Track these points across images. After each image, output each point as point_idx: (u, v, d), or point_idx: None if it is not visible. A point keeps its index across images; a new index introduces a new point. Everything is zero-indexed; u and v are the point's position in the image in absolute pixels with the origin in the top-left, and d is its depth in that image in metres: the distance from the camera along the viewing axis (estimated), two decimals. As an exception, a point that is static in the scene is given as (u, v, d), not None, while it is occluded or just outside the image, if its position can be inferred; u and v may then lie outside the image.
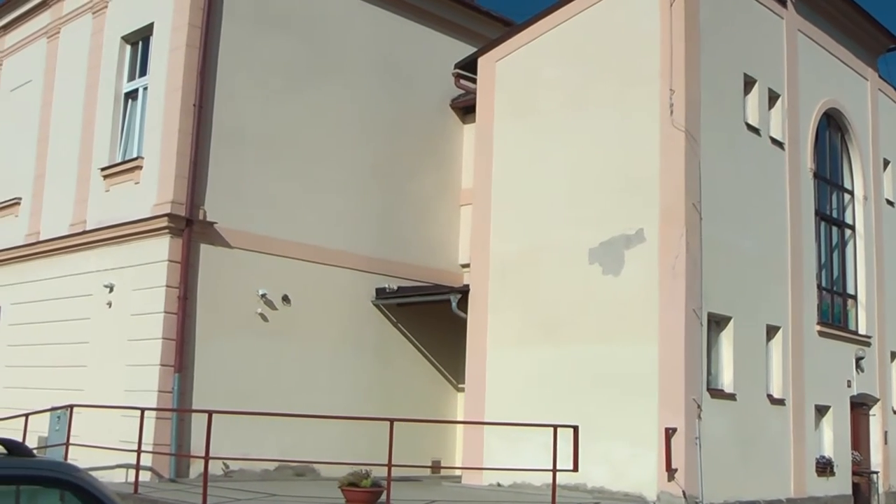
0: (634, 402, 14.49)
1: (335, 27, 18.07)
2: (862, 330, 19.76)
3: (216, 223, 15.86)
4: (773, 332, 16.70)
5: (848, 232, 20.16)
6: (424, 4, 19.76)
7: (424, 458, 16.62)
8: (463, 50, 19.57)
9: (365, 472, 12.27)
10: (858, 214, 20.30)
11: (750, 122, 16.66)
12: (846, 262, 20.01)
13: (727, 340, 15.56)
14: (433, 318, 18.33)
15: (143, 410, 13.60)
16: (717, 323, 15.43)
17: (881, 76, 21.72)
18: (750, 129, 16.65)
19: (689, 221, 14.63)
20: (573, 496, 14.03)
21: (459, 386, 18.51)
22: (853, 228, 20.20)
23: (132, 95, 17.57)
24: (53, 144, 19.09)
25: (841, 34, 19.86)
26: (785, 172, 17.54)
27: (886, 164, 21.65)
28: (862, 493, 18.93)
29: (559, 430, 12.72)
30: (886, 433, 19.97)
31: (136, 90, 17.44)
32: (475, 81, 18.13)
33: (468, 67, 18.43)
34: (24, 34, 20.99)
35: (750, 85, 16.76)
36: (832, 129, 19.98)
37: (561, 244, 15.91)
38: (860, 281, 20.02)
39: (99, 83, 17.94)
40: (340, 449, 15.45)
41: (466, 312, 16.94)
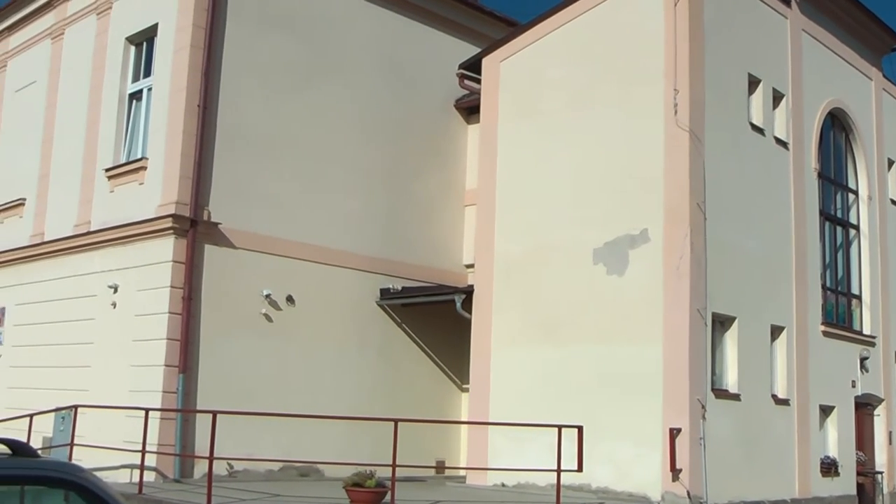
0: (639, 402, 14.48)
1: (339, 28, 18.08)
2: (866, 330, 19.73)
3: (220, 224, 15.87)
4: (777, 332, 16.69)
5: (852, 232, 20.14)
6: (428, 5, 19.76)
7: (429, 458, 16.60)
8: (467, 50, 19.57)
9: (369, 472, 12.28)
10: (863, 214, 20.28)
11: (754, 121, 16.65)
12: (850, 262, 19.99)
13: (731, 340, 15.55)
14: (437, 318, 18.33)
15: (147, 411, 13.61)
16: (721, 323, 15.42)
17: (885, 76, 21.70)
18: (754, 128, 16.63)
19: (693, 221, 14.62)
20: (577, 496, 14.03)
21: (464, 386, 18.51)
22: (857, 228, 20.18)
23: (136, 96, 17.58)
24: (58, 145, 19.12)
25: (845, 34, 19.84)
26: (789, 172, 17.52)
27: (891, 163, 21.62)
28: (866, 493, 18.90)
29: (563, 430, 12.71)
30: (891, 433, 19.94)
31: (140, 91, 17.46)
32: (479, 82, 18.11)
33: (472, 68, 18.43)
34: (28, 35, 21.02)
35: (754, 85, 16.74)
36: (836, 128, 19.95)
37: (565, 244, 15.91)
38: (864, 281, 20.00)
39: (103, 84, 17.96)
40: (345, 449, 15.46)
41: (471, 313, 16.95)
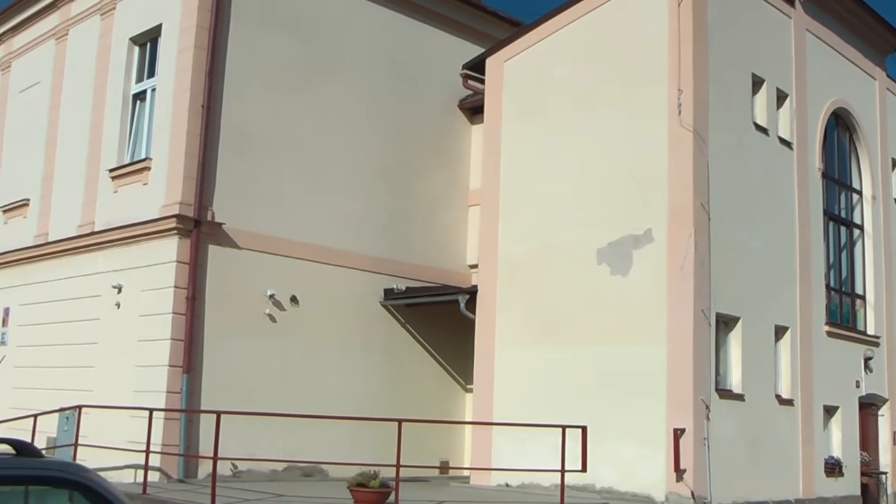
0: (643, 402, 14.47)
1: (343, 28, 18.08)
2: (870, 330, 19.70)
3: (224, 224, 15.88)
4: (781, 332, 16.67)
5: (856, 232, 20.12)
6: (432, 5, 19.76)
7: (433, 458, 16.59)
8: (471, 50, 19.57)
9: (373, 472, 12.28)
10: (867, 214, 20.25)
11: (758, 121, 16.63)
12: (854, 261, 19.97)
13: (735, 341, 15.54)
14: (441, 318, 18.33)
15: (151, 411, 13.63)
16: (725, 323, 15.40)
17: (889, 75, 21.67)
18: (758, 128, 16.61)
19: (697, 221, 14.61)
20: (581, 497, 14.02)
21: (468, 386, 18.50)
22: (861, 228, 20.15)
23: (140, 97, 17.60)
24: (62, 146, 19.14)
25: (849, 33, 19.81)
26: (793, 172, 17.50)
27: (895, 163, 21.59)
28: (871, 493, 18.88)
29: (567, 430, 12.70)
30: (895, 433, 19.91)
31: (144, 91, 17.48)
32: (483, 82, 18.12)
33: (476, 68, 18.43)
34: (32, 36, 21.04)
35: (758, 85, 16.73)
36: (840, 128, 19.93)
37: (569, 244, 15.90)
38: (868, 281, 19.98)
39: (107, 84, 17.98)
40: (349, 449, 15.45)
41: (474, 313, 16.94)
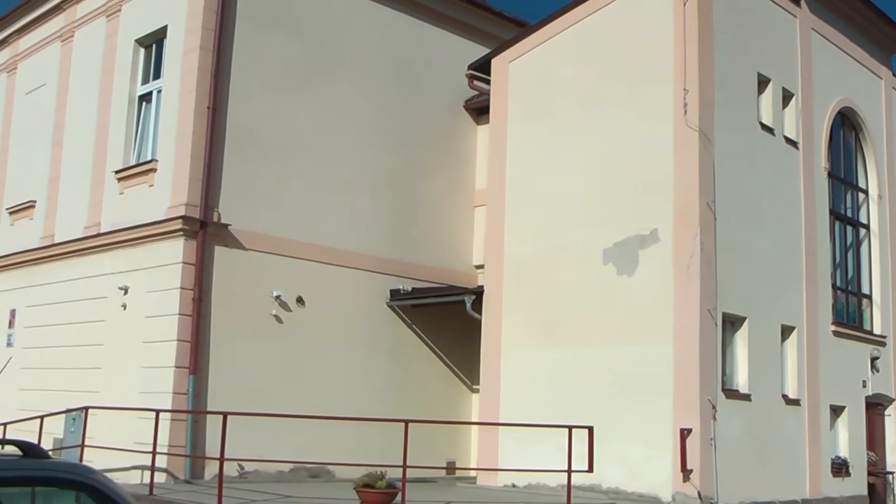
0: (649, 402, 14.46)
1: (348, 29, 18.09)
2: (877, 330, 19.66)
3: (230, 225, 15.90)
4: (787, 332, 16.65)
5: (862, 231, 20.09)
6: (437, 5, 19.76)
7: (439, 459, 16.61)
8: (476, 51, 19.56)
9: (380, 473, 12.28)
10: (873, 213, 20.22)
11: (764, 121, 16.61)
12: (861, 261, 19.93)
13: (742, 341, 15.51)
14: (447, 319, 18.33)
15: (157, 412, 13.62)
16: (731, 323, 15.39)
17: (895, 74, 21.62)
18: (764, 128, 16.59)
19: (703, 221, 14.59)
20: (588, 497, 14.01)
21: (474, 387, 18.51)
22: (868, 227, 20.12)
23: (146, 98, 17.63)
24: (68, 147, 19.18)
25: (855, 33, 19.78)
26: (799, 172, 17.48)
27: (901, 162, 21.56)
28: (877, 493, 18.84)
29: (574, 430, 12.70)
30: (902, 433, 19.88)
31: (149, 93, 17.50)
32: (489, 82, 18.11)
33: (482, 68, 18.42)
34: (38, 38, 21.08)
35: (764, 84, 16.71)
36: (846, 128, 19.89)
37: (575, 245, 15.89)
38: (875, 280, 19.93)
39: (113, 86, 18.01)
40: (355, 450, 15.45)
41: (481, 313, 16.94)
